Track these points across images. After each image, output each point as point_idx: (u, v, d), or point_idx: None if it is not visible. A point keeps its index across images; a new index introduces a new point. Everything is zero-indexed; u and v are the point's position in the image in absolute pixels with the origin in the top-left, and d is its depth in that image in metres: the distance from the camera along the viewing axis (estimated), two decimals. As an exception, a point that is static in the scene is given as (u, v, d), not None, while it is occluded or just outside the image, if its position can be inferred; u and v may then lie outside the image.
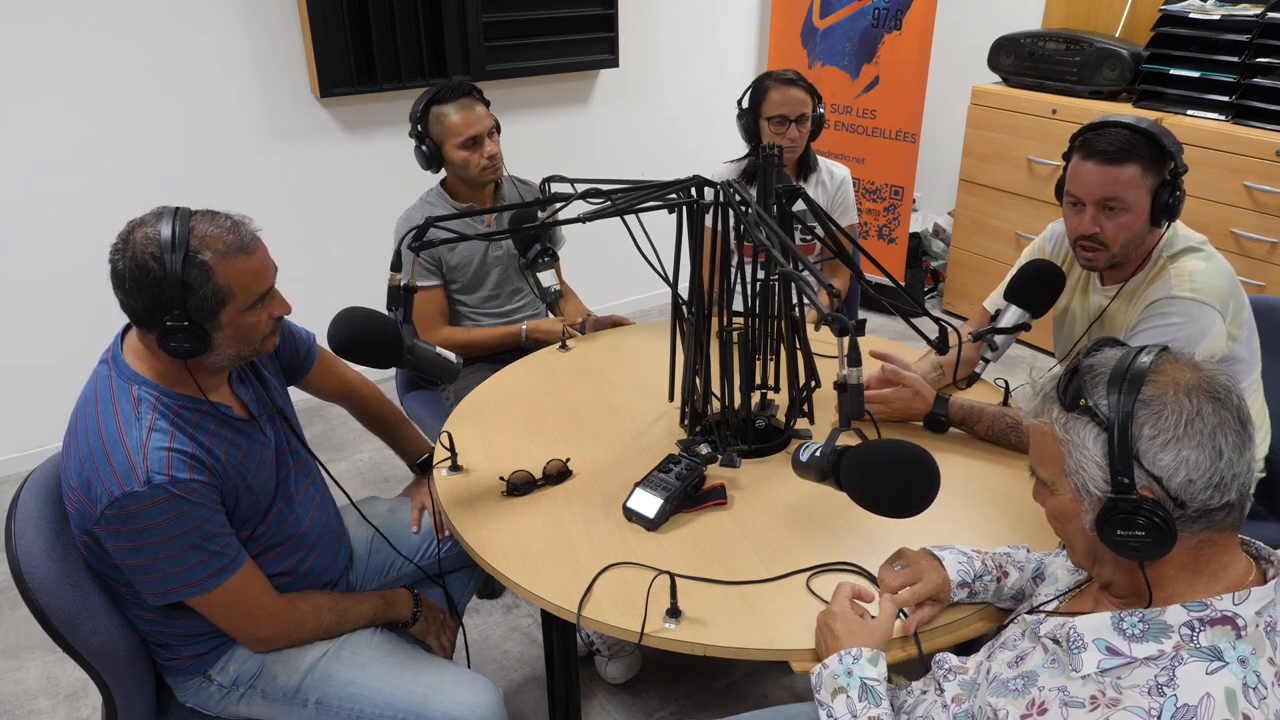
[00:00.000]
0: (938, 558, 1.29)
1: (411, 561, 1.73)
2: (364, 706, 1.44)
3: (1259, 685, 0.86)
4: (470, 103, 2.16)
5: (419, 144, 2.19)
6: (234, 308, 1.29)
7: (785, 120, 2.35)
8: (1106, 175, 1.58)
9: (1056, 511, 1.00)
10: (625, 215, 1.54)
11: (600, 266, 3.68)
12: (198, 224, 1.26)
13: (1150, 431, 0.89)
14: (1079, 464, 0.94)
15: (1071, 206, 1.66)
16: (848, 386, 1.20)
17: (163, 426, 1.30)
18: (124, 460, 1.25)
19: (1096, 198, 1.60)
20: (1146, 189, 1.59)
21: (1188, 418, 0.88)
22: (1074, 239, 1.67)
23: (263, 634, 1.43)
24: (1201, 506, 0.89)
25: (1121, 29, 3.59)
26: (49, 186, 2.82)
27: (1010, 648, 1.07)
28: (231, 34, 2.96)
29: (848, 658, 1.14)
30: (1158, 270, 1.68)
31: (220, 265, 1.25)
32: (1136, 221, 1.61)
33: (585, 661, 2.20)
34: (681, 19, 3.91)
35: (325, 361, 1.74)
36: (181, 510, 1.27)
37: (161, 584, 1.30)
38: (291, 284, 3.39)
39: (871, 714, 1.10)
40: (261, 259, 1.32)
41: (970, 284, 4.02)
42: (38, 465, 1.43)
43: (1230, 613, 0.89)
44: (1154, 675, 0.88)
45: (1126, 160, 1.56)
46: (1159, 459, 0.89)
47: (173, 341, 1.26)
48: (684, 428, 1.79)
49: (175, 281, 1.22)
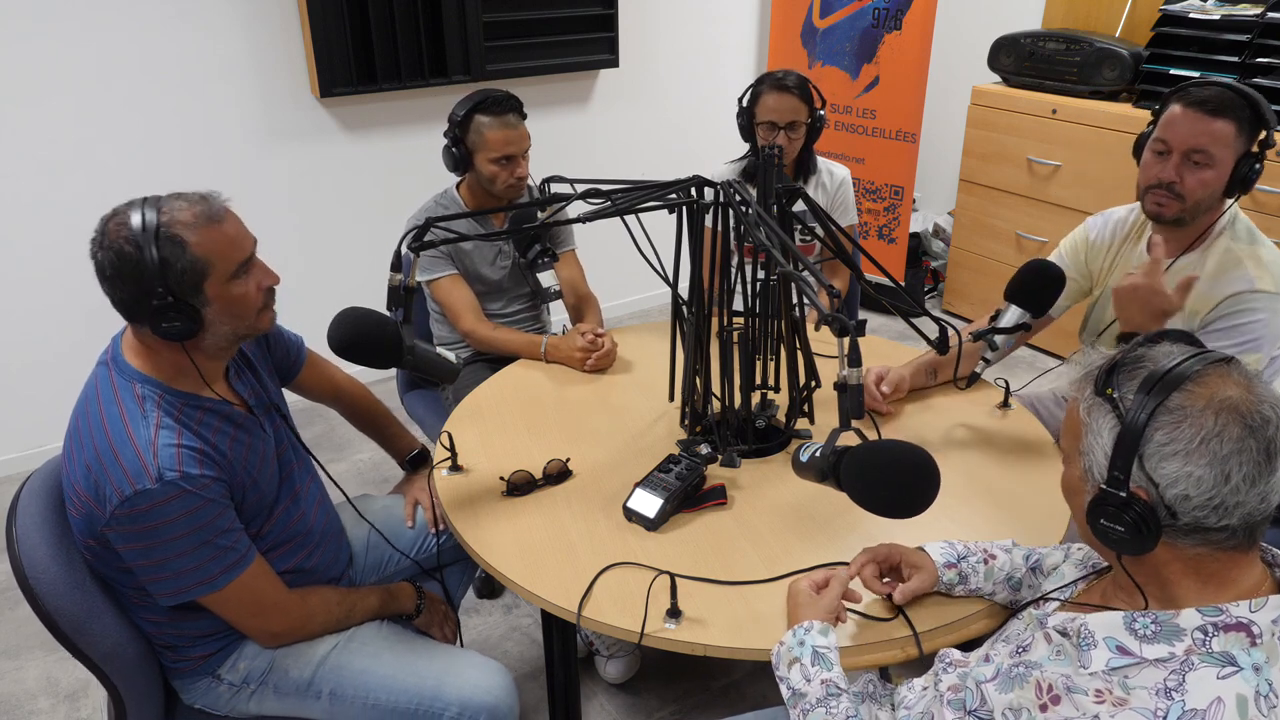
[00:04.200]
0: (921, 548, 1.32)
1: (408, 557, 1.74)
2: (378, 695, 1.45)
3: (1270, 693, 0.85)
4: (515, 120, 2.13)
5: (452, 145, 2.17)
6: (216, 279, 1.29)
7: (774, 127, 2.34)
8: (1201, 125, 1.58)
9: (1068, 483, 1.03)
10: (625, 215, 1.53)
11: (600, 266, 3.67)
12: (166, 204, 1.28)
13: (1163, 438, 0.88)
14: (1090, 447, 0.95)
15: (1156, 154, 1.66)
16: (848, 387, 1.20)
17: (169, 424, 1.30)
18: (134, 458, 1.25)
19: (1186, 146, 1.60)
20: (1234, 151, 1.59)
21: (1205, 436, 0.87)
22: (1148, 186, 1.67)
23: (276, 628, 1.43)
24: (1194, 522, 0.89)
25: (1121, 29, 3.59)
26: (49, 186, 2.82)
27: (1013, 640, 1.07)
28: (231, 34, 2.96)
29: (800, 630, 1.19)
30: (1224, 256, 1.67)
31: (193, 237, 1.26)
32: (1216, 181, 1.61)
33: (585, 661, 2.20)
34: (681, 19, 3.91)
35: (314, 362, 1.76)
36: (194, 506, 1.27)
37: (174, 583, 1.30)
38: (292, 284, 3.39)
39: (824, 677, 1.13)
40: (234, 227, 1.32)
41: (970, 284, 4.02)
42: (37, 467, 1.43)
43: (1245, 619, 0.88)
44: (1163, 678, 0.87)
45: (1224, 114, 1.57)
46: (1161, 466, 0.89)
47: (164, 323, 1.26)
48: (684, 428, 1.79)
49: (152, 261, 1.23)
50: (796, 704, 1.14)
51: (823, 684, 1.13)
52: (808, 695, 1.13)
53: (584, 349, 2.06)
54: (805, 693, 1.13)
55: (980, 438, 1.76)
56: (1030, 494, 1.58)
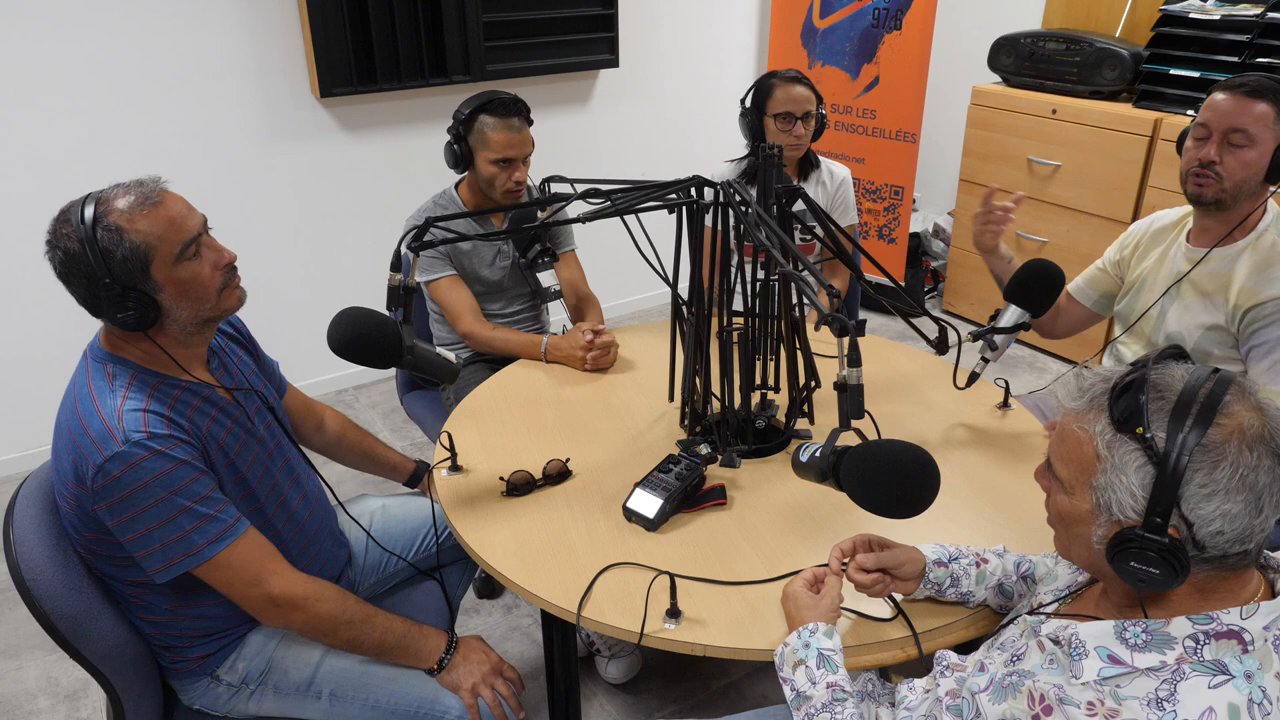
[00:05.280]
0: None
1: (404, 560, 1.74)
2: (379, 697, 1.44)
3: (1264, 701, 0.85)
4: (519, 124, 2.14)
5: (454, 142, 2.17)
6: (161, 262, 1.28)
7: (791, 117, 2.34)
8: (1240, 105, 1.63)
9: (1065, 512, 0.98)
10: (625, 215, 1.53)
11: (600, 266, 3.68)
12: (104, 195, 1.28)
13: (1201, 480, 0.85)
14: (1111, 484, 0.90)
15: (1196, 140, 1.70)
16: (848, 387, 1.20)
17: (137, 395, 1.30)
18: (100, 427, 1.25)
19: (1225, 126, 1.64)
20: (1275, 135, 1.63)
21: (1243, 474, 0.85)
22: (1189, 169, 1.71)
23: (276, 590, 1.34)
24: (1220, 553, 0.88)
25: (1121, 29, 3.59)
26: (49, 186, 2.82)
27: (1007, 648, 1.07)
28: (231, 34, 2.96)
29: (804, 632, 1.18)
30: (1270, 251, 1.70)
31: (128, 222, 1.26)
32: (1257, 162, 1.65)
33: (585, 661, 2.20)
34: (681, 19, 3.91)
35: (296, 391, 1.75)
36: (165, 468, 1.26)
37: (162, 555, 1.28)
38: (291, 284, 3.40)
39: (830, 680, 1.13)
40: (173, 207, 1.31)
41: (970, 284, 4.02)
42: (34, 468, 1.43)
43: (1237, 627, 0.88)
44: (1155, 688, 0.87)
45: (1263, 98, 1.62)
46: (1200, 508, 0.86)
47: (119, 313, 1.27)
48: (684, 428, 1.79)
49: (95, 253, 1.24)
50: (801, 706, 1.14)
51: (829, 687, 1.13)
52: (813, 698, 1.13)
53: (585, 347, 2.06)
54: (811, 695, 1.13)
55: (980, 438, 1.76)
56: (1030, 494, 1.57)
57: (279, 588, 1.35)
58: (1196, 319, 1.79)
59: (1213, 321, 1.76)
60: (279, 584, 1.35)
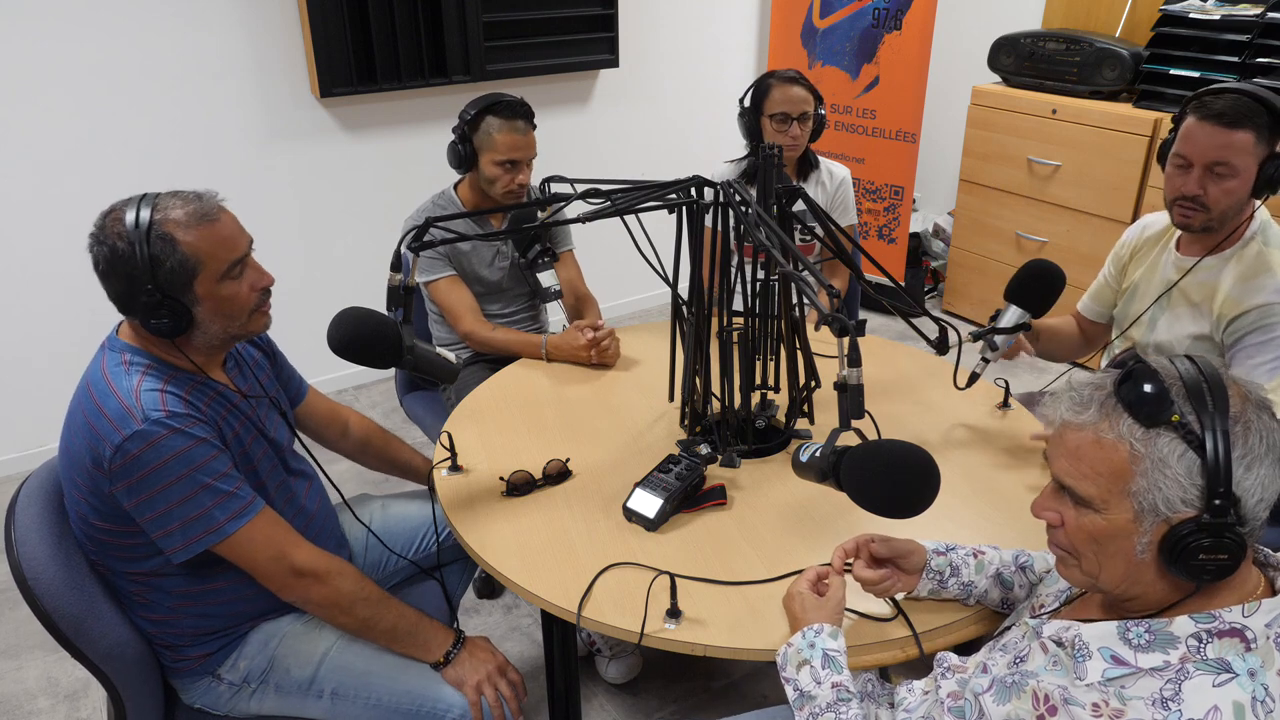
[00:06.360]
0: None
1: (405, 558, 1.74)
2: (381, 695, 1.44)
3: (1267, 698, 0.85)
4: (524, 127, 2.15)
5: (459, 142, 2.18)
6: (206, 277, 1.30)
7: (788, 118, 2.35)
8: (1219, 138, 1.58)
9: (1098, 532, 0.92)
10: (625, 215, 1.53)
11: (600, 266, 3.68)
12: (161, 202, 1.29)
13: (1240, 451, 0.85)
14: (1155, 484, 0.87)
15: (1177, 168, 1.67)
16: (848, 387, 1.20)
17: (154, 378, 1.31)
18: (118, 407, 1.25)
19: (1206, 160, 1.60)
20: (1256, 158, 1.59)
21: (1264, 435, 0.86)
22: (1174, 199, 1.68)
23: (299, 561, 1.36)
24: (1255, 526, 0.88)
25: (1121, 29, 3.59)
26: (49, 186, 2.82)
27: (1010, 650, 1.07)
28: (231, 34, 2.96)
29: (809, 632, 1.18)
30: (1255, 260, 1.68)
31: (184, 235, 1.27)
32: (1241, 188, 1.62)
33: (585, 661, 2.20)
34: (681, 19, 3.91)
35: (319, 396, 1.76)
36: (184, 446, 1.27)
37: (182, 534, 1.29)
38: (292, 284, 3.40)
39: (835, 680, 1.13)
40: (228, 226, 1.33)
41: (970, 284, 4.02)
42: (36, 468, 1.43)
43: (1239, 625, 0.87)
44: (1159, 687, 0.87)
45: (1241, 125, 1.57)
46: (1244, 480, 0.86)
47: (153, 319, 1.27)
48: (684, 428, 1.79)
49: (143, 258, 1.24)
50: (804, 706, 1.14)
51: (833, 687, 1.13)
52: (818, 698, 1.13)
53: (588, 343, 2.06)
54: (815, 695, 1.13)
55: (980, 438, 1.76)
56: (1030, 494, 1.57)
57: (302, 559, 1.37)
58: (1185, 329, 1.78)
59: (1199, 331, 1.76)
60: (302, 556, 1.37)
